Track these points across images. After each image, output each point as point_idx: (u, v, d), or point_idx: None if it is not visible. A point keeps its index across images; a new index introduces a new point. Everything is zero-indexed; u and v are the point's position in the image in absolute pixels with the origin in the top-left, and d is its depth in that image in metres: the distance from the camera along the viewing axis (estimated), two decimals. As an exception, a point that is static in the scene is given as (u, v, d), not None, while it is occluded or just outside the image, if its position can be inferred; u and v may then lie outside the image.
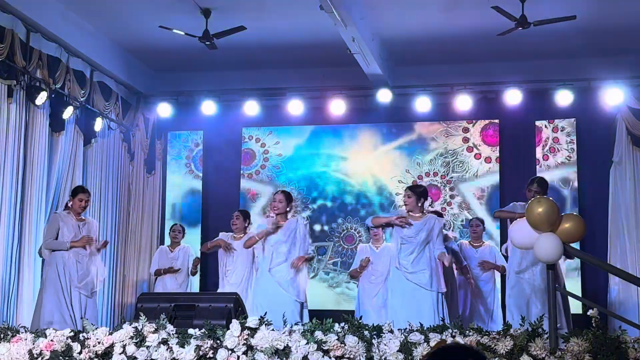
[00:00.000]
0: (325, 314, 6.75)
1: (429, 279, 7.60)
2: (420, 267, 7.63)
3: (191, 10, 9.41)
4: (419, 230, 7.70)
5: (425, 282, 7.59)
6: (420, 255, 7.66)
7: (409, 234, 7.70)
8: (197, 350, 5.55)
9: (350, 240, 11.39)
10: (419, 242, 7.67)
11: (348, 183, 11.55)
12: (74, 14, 9.76)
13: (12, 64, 8.84)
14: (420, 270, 7.62)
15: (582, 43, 10.22)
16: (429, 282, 7.59)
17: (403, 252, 7.69)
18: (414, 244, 7.67)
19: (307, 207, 11.56)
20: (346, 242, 11.42)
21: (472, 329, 5.73)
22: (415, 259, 7.65)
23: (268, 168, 11.75)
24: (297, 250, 7.97)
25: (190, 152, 11.98)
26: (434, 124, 11.45)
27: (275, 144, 11.78)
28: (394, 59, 11.05)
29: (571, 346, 5.30)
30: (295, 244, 7.97)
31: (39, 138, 9.36)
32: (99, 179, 10.73)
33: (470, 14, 9.54)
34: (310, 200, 11.58)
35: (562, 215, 5.54)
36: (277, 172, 11.72)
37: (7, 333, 5.97)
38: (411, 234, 7.70)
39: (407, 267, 7.64)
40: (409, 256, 7.66)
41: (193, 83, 11.60)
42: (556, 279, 7.93)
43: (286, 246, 7.96)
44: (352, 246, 11.26)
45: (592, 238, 10.17)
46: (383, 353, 5.50)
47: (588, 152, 10.94)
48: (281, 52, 10.68)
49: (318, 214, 11.52)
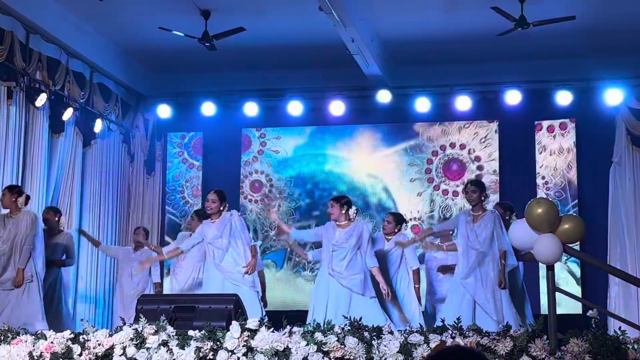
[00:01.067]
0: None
1: (361, 283, 7.76)
2: (353, 271, 7.79)
3: (191, 11, 9.41)
4: (349, 236, 7.86)
5: (358, 287, 7.74)
6: (352, 260, 7.81)
7: (340, 240, 7.86)
8: (197, 351, 5.55)
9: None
10: (350, 248, 7.82)
11: (347, 183, 11.55)
12: (73, 16, 9.77)
13: (11, 65, 8.85)
14: (354, 275, 7.78)
15: (582, 43, 10.22)
16: (361, 286, 7.74)
17: (335, 258, 7.84)
18: (346, 249, 7.82)
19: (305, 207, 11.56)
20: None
21: (472, 329, 5.73)
22: (349, 264, 7.79)
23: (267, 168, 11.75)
24: (237, 243, 8.01)
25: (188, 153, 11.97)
26: (433, 124, 11.45)
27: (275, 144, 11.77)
28: (394, 60, 11.05)
29: (571, 347, 5.29)
30: (235, 237, 8.02)
31: (38, 139, 9.37)
32: (99, 180, 10.74)
33: (470, 15, 9.54)
34: (310, 201, 11.57)
35: (562, 215, 5.53)
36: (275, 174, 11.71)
37: (7, 335, 5.97)
38: (342, 240, 7.85)
39: (341, 272, 7.78)
40: (341, 262, 7.80)
41: (193, 84, 11.60)
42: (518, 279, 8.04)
43: (223, 240, 7.99)
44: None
45: (591, 238, 10.17)
46: (383, 354, 5.50)
47: (588, 153, 10.94)
48: (280, 53, 10.69)
49: (318, 215, 11.51)
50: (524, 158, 11.05)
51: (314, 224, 11.46)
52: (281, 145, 11.78)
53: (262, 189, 11.71)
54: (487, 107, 11.25)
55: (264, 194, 11.68)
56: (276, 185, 11.67)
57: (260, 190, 11.73)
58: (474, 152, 11.29)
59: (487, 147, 11.26)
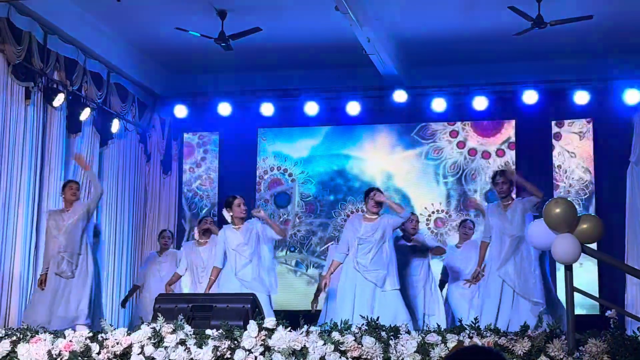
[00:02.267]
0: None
1: (384, 278, 7.71)
2: (377, 265, 7.75)
3: (207, 11, 9.43)
4: (375, 229, 7.82)
5: (381, 281, 7.70)
6: (377, 254, 7.77)
7: (366, 233, 7.81)
8: (215, 350, 5.56)
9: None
10: (376, 241, 7.78)
11: (363, 183, 11.53)
12: (90, 16, 9.82)
13: (29, 66, 8.90)
14: (378, 269, 7.73)
15: (599, 43, 10.18)
16: (383, 281, 7.70)
17: (360, 252, 7.79)
18: (372, 242, 7.78)
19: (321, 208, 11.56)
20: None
21: (489, 329, 5.72)
22: (374, 258, 7.75)
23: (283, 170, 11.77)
24: (261, 251, 7.88)
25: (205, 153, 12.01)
26: (449, 124, 11.43)
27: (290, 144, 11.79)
28: (410, 60, 11.04)
29: (589, 347, 5.27)
30: (259, 244, 7.90)
31: (56, 139, 9.43)
32: (116, 179, 10.79)
33: (487, 14, 9.52)
34: (326, 201, 11.58)
35: (580, 215, 5.51)
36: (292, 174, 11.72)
37: (26, 334, 6.01)
38: (368, 234, 7.81)
39: (366, 266, 7.74)
40: (366, 255, 7.76)
41: (209, 84, 11.64)
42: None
43: (249, 249, 7.86)
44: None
45: (609, 238, 10.11)
46: (400, 354, 5.49)
47: (605, 153, 10.89)
48: (296, 53, 10.70)
49: (333, 215, 11.52)
50: (541, 158, 11.01)
51: (329, 223, 11.47)
52: (297, 145, 11.78)
53: (278, 189, 11.71)
54: (504, 106, 11.22)
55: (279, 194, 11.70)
56: (292, 186, 11.67)
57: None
58: (491, 151, 11.25)
59: (504, 147, 11.22)
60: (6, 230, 8.51)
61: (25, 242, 8.76)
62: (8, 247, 8.53)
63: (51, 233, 8.16)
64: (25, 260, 8.75)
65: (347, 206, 11.54)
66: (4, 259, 8.45)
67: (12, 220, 8.60)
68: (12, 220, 8.60)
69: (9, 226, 8.56)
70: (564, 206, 5.41)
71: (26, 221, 8.80)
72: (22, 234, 8.73)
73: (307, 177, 11.71)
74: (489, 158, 11.25)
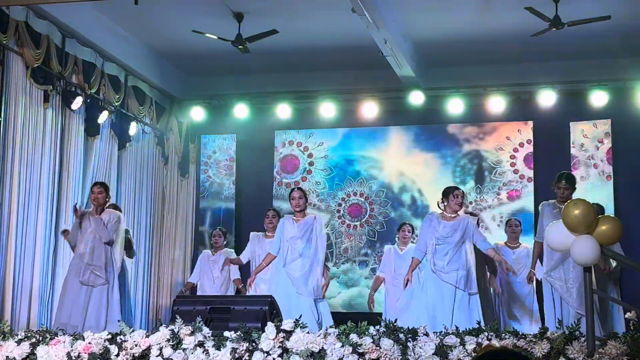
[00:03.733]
0: (355, 316, 6.79)
1: (464, 279, 7.61)
2: (454, 267, 7.64)
3: (224, 14, 9.46)
4: (455, 230, 7.71)
5: (460, 282, 7.59)
6: (455, 255, 7.66)
7: (444, 234, 7.71)
8: (233, 352, 5.58)
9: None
10: (455, 243, 7.68)
11: (380, 185, 11.54)
12: (108, 20, 9.86)
13: (48, 69, 8.96)
14: (454, 270, 7.63)
15: (617, 43, 10.11)
16: (462, 282, 7.60)
17: (438, 253, 7.70)
18: (450, 244, 7.68)
19: (339, 209, 11.56)
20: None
21: (508, 332, 5.71)
22: (451, 260, 7.65)
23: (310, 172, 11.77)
24: (314, 250, 7.81)
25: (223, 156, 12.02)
26: (466, 125, 11.41)
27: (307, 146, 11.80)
28: (426, 61, 11.03)
29: (609, 349, 5.25)
30: (311, 240, 7.83)
31: (74, 142, 9.48)
32: (134, 182, 10.83)
33: (503, 15, 9.49)
34: (342, 202, 11.57)
35: (599, 217, 5.49)
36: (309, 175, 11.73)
37: (45, 336, 6.05)
38: (447, 234, 7.70)
39: (444, 268, 7.64)
40: (444, 257, 7.67)
41: (226, 87, 11.66)
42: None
43: (302, 242, 7.80)
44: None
45: (629, 240, 10.04)
46: (418, 356, 5.49)
47: (624, 153, 10.82)
48: (313, 55, 10.70)
49: (350, 216, 11.52)
50: (559, 159, 10.95)
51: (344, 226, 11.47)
52: (313, 147, 11.78)
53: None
54: (521, 107, 11.18)
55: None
56: (309, 187, 11.68)
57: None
58: (508, 152, 11.21)
59: (522, 148, 11.18)
60: (26, 233, 8.56)
61: (44, 244, 8.81)
62: (28, 249, 8.57)
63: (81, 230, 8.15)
64: (44, 262, 8.79)
65: (364, 208, 11.56)
66: (24, 261, 8.50)
67: (32, 223, 8.64)
68: (32, 222, 8.64)
69: (29, 228, 8.60)
70: (583, 208, 5.39)
71: (45, 224, 8.84)
72: (42, 236, 8.77)
73: (324, 179, 11.70)
74: (506, 160, 11.21)
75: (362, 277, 11.41)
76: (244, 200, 11.89)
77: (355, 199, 11.57)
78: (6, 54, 8.40)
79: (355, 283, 11.44)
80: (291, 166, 11.82)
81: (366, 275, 11.37)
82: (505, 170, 11.18)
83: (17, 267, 8.39)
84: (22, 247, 8.49)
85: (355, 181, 11.62)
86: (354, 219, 11.53)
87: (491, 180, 11.22)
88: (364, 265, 11.42)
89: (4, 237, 8.25)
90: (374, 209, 11.52)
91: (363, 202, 11.55)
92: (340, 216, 11.56)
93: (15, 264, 8.34)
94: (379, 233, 11.44)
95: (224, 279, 9.82)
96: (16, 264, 8.37)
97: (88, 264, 7.92)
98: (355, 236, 11.52)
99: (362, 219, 11.51)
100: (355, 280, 11.44)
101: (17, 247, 8.40)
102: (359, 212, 11.55)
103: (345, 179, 11.64)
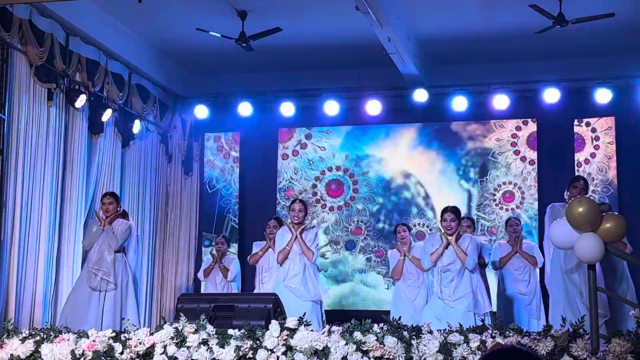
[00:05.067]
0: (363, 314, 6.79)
1: (473, 302, 7.53)
2: (461, 292, 7.54)
3: (227, 12, 9.45)
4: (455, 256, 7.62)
5: (470, 307, 7.50)
6: (460, 280, 7.59)
7: (448, 261, 7.62)
8: (237, 350, 5.58)
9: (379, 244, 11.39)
10: (458, 269, 7.60)
11: (384, 183, 11.53)
12: (111, 18, 9.86)
13: (51, 67, 8.96)
14: (462, 297, 7.54)
15: (621, 41, 10.10)
16: (472, 305, 7.51)
17: (444, 281, 7.61)
18: (454, 271, 7.59)
19: (343, 207, 11.56)
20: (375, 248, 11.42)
21: (511, 329, 5.70)
22: (457, 286, 7.57)
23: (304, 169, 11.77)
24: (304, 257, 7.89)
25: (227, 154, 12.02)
26: (470, 123, 11.40)
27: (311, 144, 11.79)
28: (430, 59, 11.02)
29: (613, 347, 5.24)
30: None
31: (78, 140, 9.48)
32: (137, 180, 10.83)
33: (508, 13, 9.48)
34: (346, 201, 11.57)
35: (603, 214, 5.48)
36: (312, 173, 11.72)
37: (49, 334, 6.05)
38: (450, 261, 7.62)
39: (450, 296, 7.55)
40: (450, 284, 7.59)
41: (229, 85, 11.66)
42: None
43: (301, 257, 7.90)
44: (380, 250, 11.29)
45: (632, 237, 10.02)
46: (422, 354, 5.49)
47: (628, 151, 10.81)
48: (317, 53, 10.70)
49: (353, 215, 11.51)
50: (563, 156, 10.94)
51: (349, 225, 11.46)
52: (317, 145, 11.78)
53: (298, 188, 11.70)
54: (525, 105, 11.17)
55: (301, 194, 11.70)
56: (313, 185, 11.67)
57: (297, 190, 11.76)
58: (513, 150, 11.20)
59: (526, 145, 11.16)
60: (29, 230, 8.56)
61: (48, 242, 8.81)
62: (32, 247, 8.57)
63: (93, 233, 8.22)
64: (48, 260, 8.80)
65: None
66: (28, 259, 8.50)
67: (35, 221, 8.65)
68: (35, 220, 8.65)
69: (32, 226, 8.60)
70: (587, 205, 5.38)
71: (49, 221, 8.84)
72: (45, 234, 8.77)
73: (327, 176, 11.69)
74: (510, 157, 11.20)
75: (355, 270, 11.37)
76: (247, 198, 11.87)
77: (358, 195, 11.56)
78: (10, 52, 8.38)
79: (346, 278, 11.41)
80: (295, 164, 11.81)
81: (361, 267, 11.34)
82: (509, 167, 11.16)
83: (20, 266, 8.37)
84: (25, 246, 8.49)
85: (358, 179, 11.60)
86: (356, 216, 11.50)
87: (495, 177, 11.21)
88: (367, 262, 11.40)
89: (8, 236, 8.24)
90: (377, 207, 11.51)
91: (365, 200, 11.54)
92: (341, 212, 11.55)
93: (18, 263, 8.33)
94: (381, 231, 11.41)
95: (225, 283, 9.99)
96: (19, 263, 8.35)
97: (97, 269, 8.00)
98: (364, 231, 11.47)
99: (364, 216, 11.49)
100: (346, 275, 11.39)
101: (21, 246, 8.39)
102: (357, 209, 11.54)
103: (347, 177, 11.63)
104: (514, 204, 11.08)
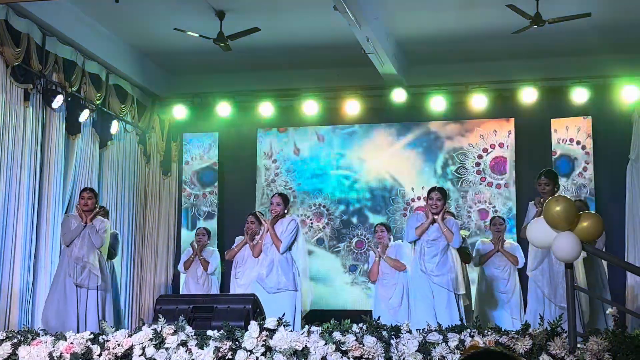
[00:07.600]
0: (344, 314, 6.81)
1: (453, 281, 7.64)
2: (444, 269, 7.66)
3: (205, 12, 9.43)
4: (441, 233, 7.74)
5: (448, 284, 7.62)
6: (442, 257, 7.70)
7: (434, 236, 7.73)
8: (216, 351, 5.57)
9: (360, 244, 11.39)
10: (442, 247, 7.71)
11: (363, 183, 11.54)
12: (89, 18, 9.81)
13: (28, 68, 8.90)
14: (444, 273, 7.65)
15: (598, 40, 10.17)
16: (451, 284, 7.62)
17: (427, 256, 7.71)
18: (437, 248, 7.70)
19: (322, 208, 11.56)
20: (356, 247, 11.42)
21: (490, 328, 5.73)
22: (440, 262, 7.67)
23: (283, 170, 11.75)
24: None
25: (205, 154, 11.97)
26: (449, 123, 11.43)
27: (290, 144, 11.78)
28: (409, 59, 11.04)
29: (590, 345, 5.28)
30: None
31: (55, 141, 9.42)
32: (115, 181, 10.78)
33: (485, 13, 9.52)
34: (325, 201, 11.57)
35: (580, 213, 5.52)
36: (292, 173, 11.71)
37: (27, 336, 6.01)
38: (435, 237, 7.72)
39: (433, 270, 7.66)
40: (433, 259, 7.69)
41: (208, 85, 11.63)
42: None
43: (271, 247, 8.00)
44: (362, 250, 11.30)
45: (609, 236, 10.08)
46: (402, 353, 5.50)
47: (604, 150, 10.88)
48: (295, 53, 10.70)
49: (332, 215, 11.52)
50: (541, 156, 11.00)
51: (329, 224, 11.47)
52: (296, 145, 11.77)
53: (278, 189, 11.68)
54: (503, 105, 11.21)
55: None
56: (291, 186, 11.66)
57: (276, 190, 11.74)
58: (490, 150, 11.25)
59: (504, 145, 11.21)
60: (6, 232, 8.50)
61: (25, 243, 8.75)
62: (8, 248, 8.51)
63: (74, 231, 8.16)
64: (25, 262, 8.73)
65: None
66: (4, 260, 8.44)
67: (11, 222, 8.59)
68: (11, 221, 8.59)
69: (9, 228, 8.55)
70: (564, 204, 5.41)
71: (26, 222, 8.79)
72: (22, 235, 8.71)
73: (306, 177, 11.69)
74: (488, 157, 11.24)
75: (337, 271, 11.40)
76: (227, 198, 11.86)
77: (337, 195, 11.57)
78: (-14, 53, 8.33)
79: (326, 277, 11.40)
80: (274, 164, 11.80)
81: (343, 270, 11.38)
82: (488, 167, 11.21)
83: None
84: (1, 247, 8.43)
85: (337, 178, 11.61)
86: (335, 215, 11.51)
87: (473, 177, 11.25)
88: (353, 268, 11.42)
89: (-16, 237, 8.19)
90: (354, 206, 11.52)
91: (343, 199, 11.55)
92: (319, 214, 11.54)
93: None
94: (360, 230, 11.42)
95: (206, 276, 9.93)
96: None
97: (85, 263, 7.96)
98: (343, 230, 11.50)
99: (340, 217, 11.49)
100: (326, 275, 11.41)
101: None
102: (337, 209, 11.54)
103: (326, 177, 11.63)
104: (492, 203, 11.12)
